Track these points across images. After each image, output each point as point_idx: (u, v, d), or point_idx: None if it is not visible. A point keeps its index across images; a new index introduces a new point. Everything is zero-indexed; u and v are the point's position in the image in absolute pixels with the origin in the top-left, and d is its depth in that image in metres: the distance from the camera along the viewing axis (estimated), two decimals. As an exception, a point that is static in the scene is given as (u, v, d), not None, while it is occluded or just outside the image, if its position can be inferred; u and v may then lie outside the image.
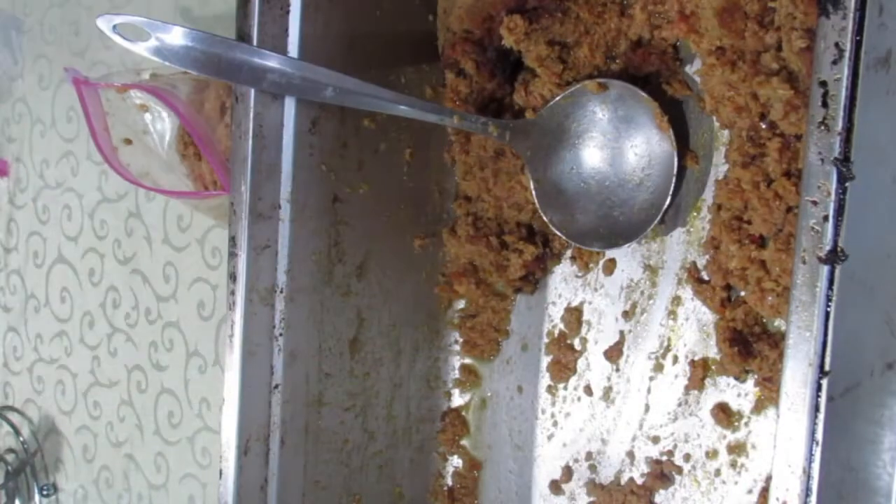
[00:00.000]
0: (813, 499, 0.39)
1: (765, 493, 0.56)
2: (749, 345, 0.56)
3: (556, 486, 0.65)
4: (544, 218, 0.62)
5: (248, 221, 0.59)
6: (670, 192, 0.58)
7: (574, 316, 0.64)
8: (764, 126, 0.52)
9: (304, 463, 0.63)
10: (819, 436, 0.39)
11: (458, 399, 0.71)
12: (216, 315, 0.90)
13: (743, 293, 0.56)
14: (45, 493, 1.10)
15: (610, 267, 0.63)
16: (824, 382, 0.39)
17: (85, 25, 1.02)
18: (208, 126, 0.71)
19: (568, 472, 0.65)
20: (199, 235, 0.90)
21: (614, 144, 0.59)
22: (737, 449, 0.57)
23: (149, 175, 0.78)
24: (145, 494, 1.00)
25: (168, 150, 0.72)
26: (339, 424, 0.65)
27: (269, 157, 0.59)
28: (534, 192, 0.62)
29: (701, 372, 0.58)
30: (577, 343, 0.64)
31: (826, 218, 0.39)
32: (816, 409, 0.39)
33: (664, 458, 0.60)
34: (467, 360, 0.70)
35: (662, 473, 0.60)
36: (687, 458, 0.59)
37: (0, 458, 1.13)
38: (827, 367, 0.39)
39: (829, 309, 0.39)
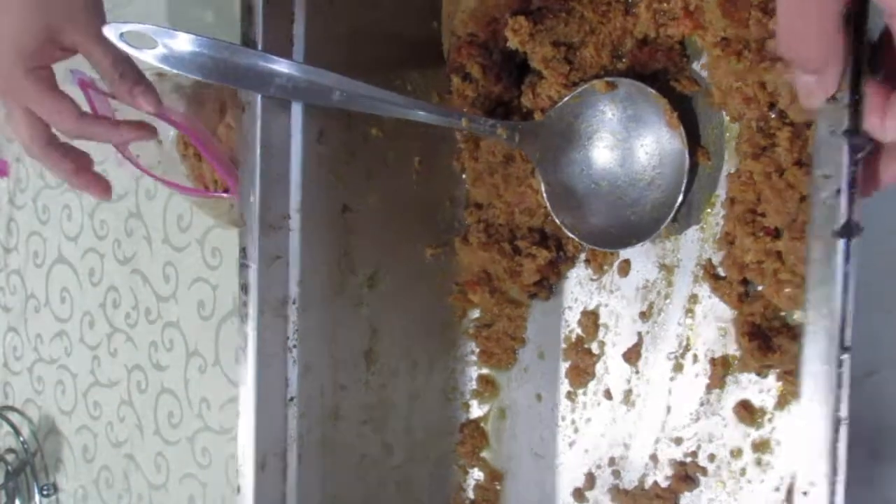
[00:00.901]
0: (840, 478, 0.38)
1: (792, 489, 0.55)
2: (769, 339, 0.55)
3: (579, 494, 0.64)
4: (556, 220, 0.61)
5: (259, 232, 0.59)
6: (682, 190, 0.57)
7: (590, 320, 0.63)
8: (773, 115, 0.52)
9: (322, 478, 0.62)
10: (843, 413, 0.38)
11: (476, 410, 0.70)
12: (216, 315, 0.90)
13: (760, 287, 0.55)
14: (45, 493, 1.11)
15: (625, 268, 0.62)
16: (846, 358, 0.38)
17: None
18: (207, 126, 0.71)
19: (591, 479, 0.64)
20: (199, 235, 0.90)
21: (624, 144, 0.59)
22: (761, 446, 0.56)
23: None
24: (145, 494, 1.00)
25: (169, 150, 0.72)
26: (357, 438, 0.64)
27: (277, 166, 0.59)
28: (545, 195, 0.61)
29: (721, 370, 0.58)
30: (594, 347, 0.63)
31: (839, 192, 0.38)
32: (839, 385, 0.38)
33: (688, 459, 0.59)
34: (484, 371, 0.69)
35: (687, 475, 0.59)
36: (711, 458, 0.58)
37: (0, 458, 1.14)
38: (847, 343, 0.38)
39: (846, 283, 0.38)
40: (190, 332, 0.93)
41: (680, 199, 0.57)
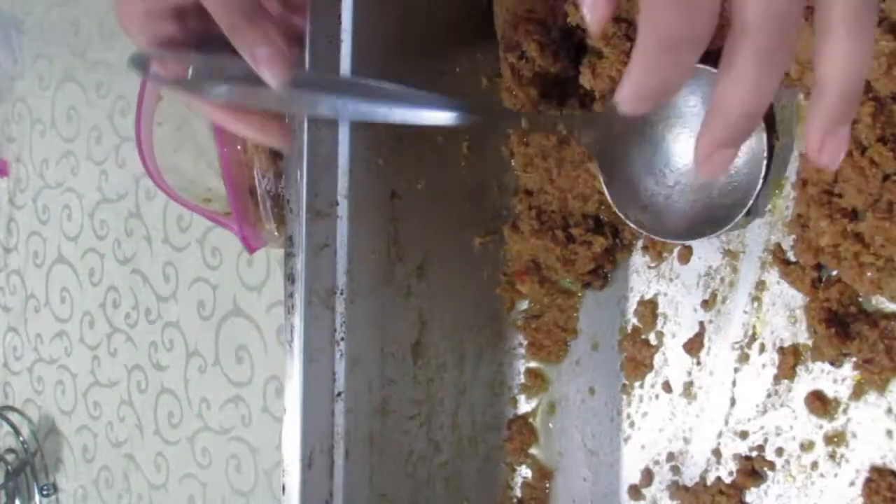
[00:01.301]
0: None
1: (868, 484, 0.52)
2: (846, 326, 0.52)
3: (635, 492, 0.62)
4: (620, 216, 0.58)
5: (306, 219, 0.56)
6: (762, 176, 0.54)
7: (648, 309, 0.61)
8: (856, 88, 0.49)
9: (370, 475, 0.60)
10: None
11: (524, 405, 0.67)
12: (216, 315, 0.89)
13: (835, 272, 0.53)
14: (45, 493, 1.10)
15: (686, 255, 0.59)
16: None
17: (85, 25, 1.02)
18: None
19: (648, 476, 0.61)
20: (199, 235, 0.90)
21: (692, 130, 0.56)
22: (835, 439, 0.54)
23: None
24: (145, 494, 0.99)
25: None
26: (404, 434, 0.62)
27: (324, 150, 0.56)
28: (605, 186, 0.58)
29: (791, 359, 0.55)
30: (652, 338, 0.61)
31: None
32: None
33: (754, 453, 0.57)
34: (533, 364, 0.67)
35: (753, 470, 0.57)
36: (779, 452, 0.56)
37: (0, 458, 1.14)
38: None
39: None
40: (190, 332, 0.93)
41: (759, 186, 0.54)
